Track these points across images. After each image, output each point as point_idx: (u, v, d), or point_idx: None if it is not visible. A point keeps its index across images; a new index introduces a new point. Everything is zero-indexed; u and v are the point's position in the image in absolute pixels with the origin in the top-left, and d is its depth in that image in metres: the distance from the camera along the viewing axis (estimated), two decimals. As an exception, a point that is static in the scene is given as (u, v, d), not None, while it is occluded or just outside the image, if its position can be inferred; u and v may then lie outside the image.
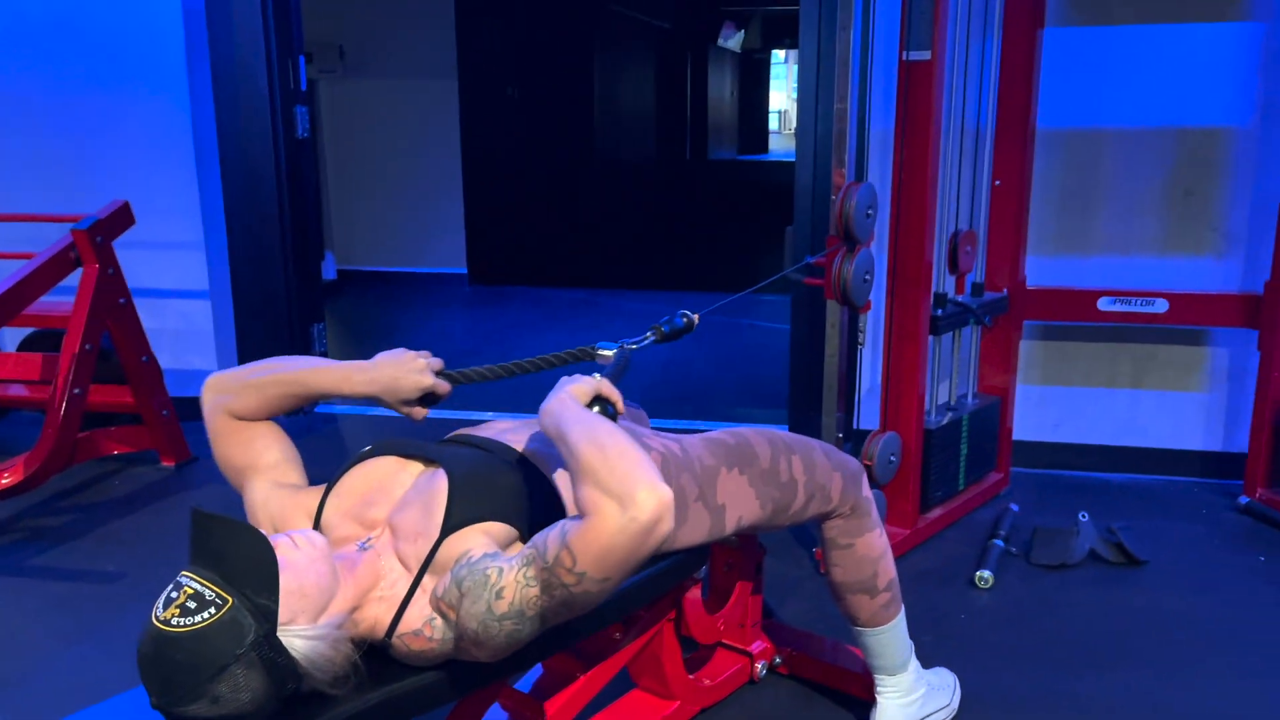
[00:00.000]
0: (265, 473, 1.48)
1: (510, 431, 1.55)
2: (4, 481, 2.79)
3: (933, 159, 2.49)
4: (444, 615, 1.26)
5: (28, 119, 3.67)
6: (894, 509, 2.68)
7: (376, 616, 1.28)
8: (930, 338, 2.68)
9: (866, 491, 1.86)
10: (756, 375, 4.40)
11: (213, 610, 1.12)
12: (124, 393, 3.22)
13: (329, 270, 6.32)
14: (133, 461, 3.36)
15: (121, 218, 3.14)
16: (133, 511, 3.04)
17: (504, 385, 1.77)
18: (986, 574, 2.52)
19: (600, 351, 1.71)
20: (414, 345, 1.63)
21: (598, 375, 1.48)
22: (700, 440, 1.71)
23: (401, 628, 1.27)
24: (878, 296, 2.69)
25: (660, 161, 9.00)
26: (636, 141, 8.23)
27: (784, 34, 13.59)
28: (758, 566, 2.06)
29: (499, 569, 1.24)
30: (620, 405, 1.45)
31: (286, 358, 1.54)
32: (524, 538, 1.37)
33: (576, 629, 1.60)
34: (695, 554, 1.74)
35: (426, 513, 1.32)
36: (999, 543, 2.68)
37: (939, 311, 2.69)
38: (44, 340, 3.43)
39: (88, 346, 2.93)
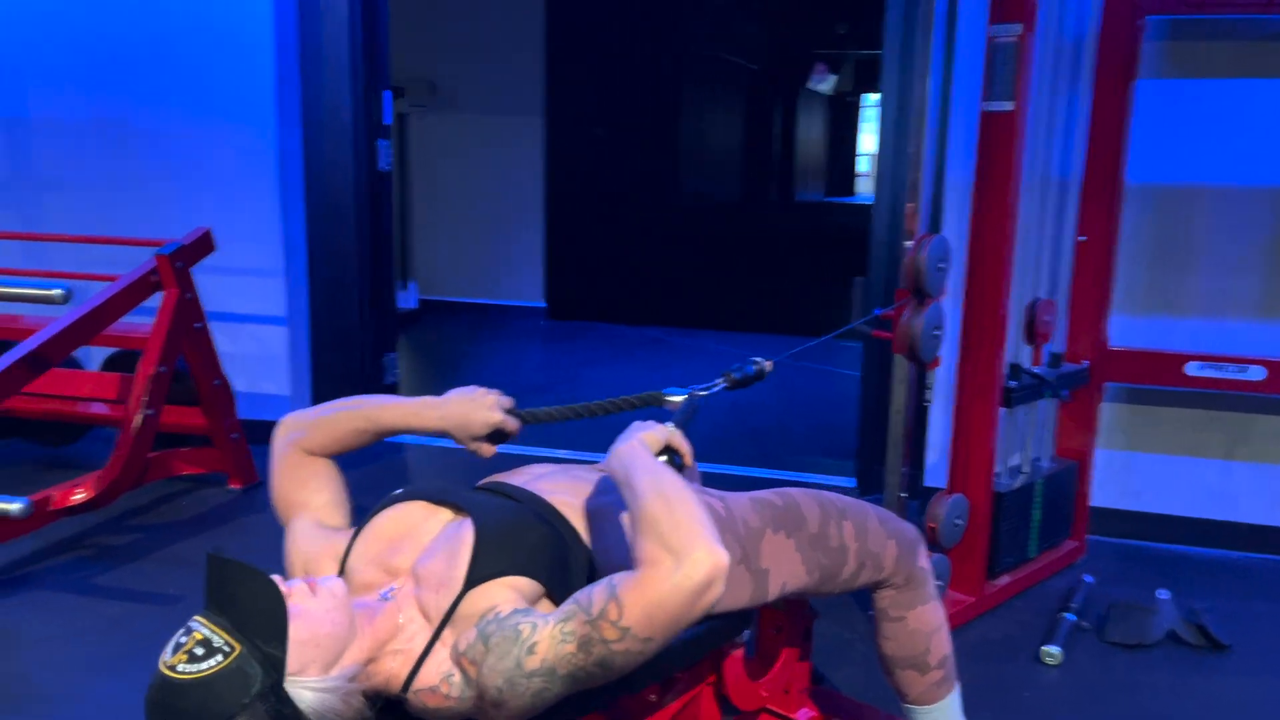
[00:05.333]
0: (312, 511, 1.48)
1: (544, 478, 1.52)
2: (76, 498, 2.86)
3: (1010, 213, 2.40)
4: (464, 671, 1.22)
5: (124, 145, 3.80)
6: (958, 574, 2.56)
7: (393, 670, 1.25)
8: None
9: (923, 562, 1.77)
10: (826, 423, 4.30)
11: (220, 658, 1.10)
12: (196, 415, 3.29)
13: (411, 299, 6.42)
14: (202, 483, 3.42)
15: (203, 244, 3.21)
16: (197, 533, 3.08)
17: (571, 426, 1.77)
18: (1055, 649, 2.39)
19: (669, 398, 1.68)
20: (487, 377, 1.66)
21: (670, 425, 1.46)
22: (746, 499, 1.65)
23: (418, 683, 1.24)
24: (951, 353, 2.59)
25: (745, 202, 8.96)
26: (722, 181, 8.22)
27: (876, 78, 13.50)
28: (806, 631, 1.98)
29: (532, 624, 1.20)
30: (689, 458, 1.43)
31: (359, 396, 1.57)
32: (551, 596, 1.33)
33: (611, 689, 1.55)
34: (737, 617, 1.68)
35: (450, 563, 1.29)
36: (1070, 616, 2.55)
37: (1013, 383, 2.57)
38: (125, 360, 3.52)
39: (162, 368, 3.00)
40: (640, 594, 1.16)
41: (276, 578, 1.20)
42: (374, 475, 3.52)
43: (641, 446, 1.36)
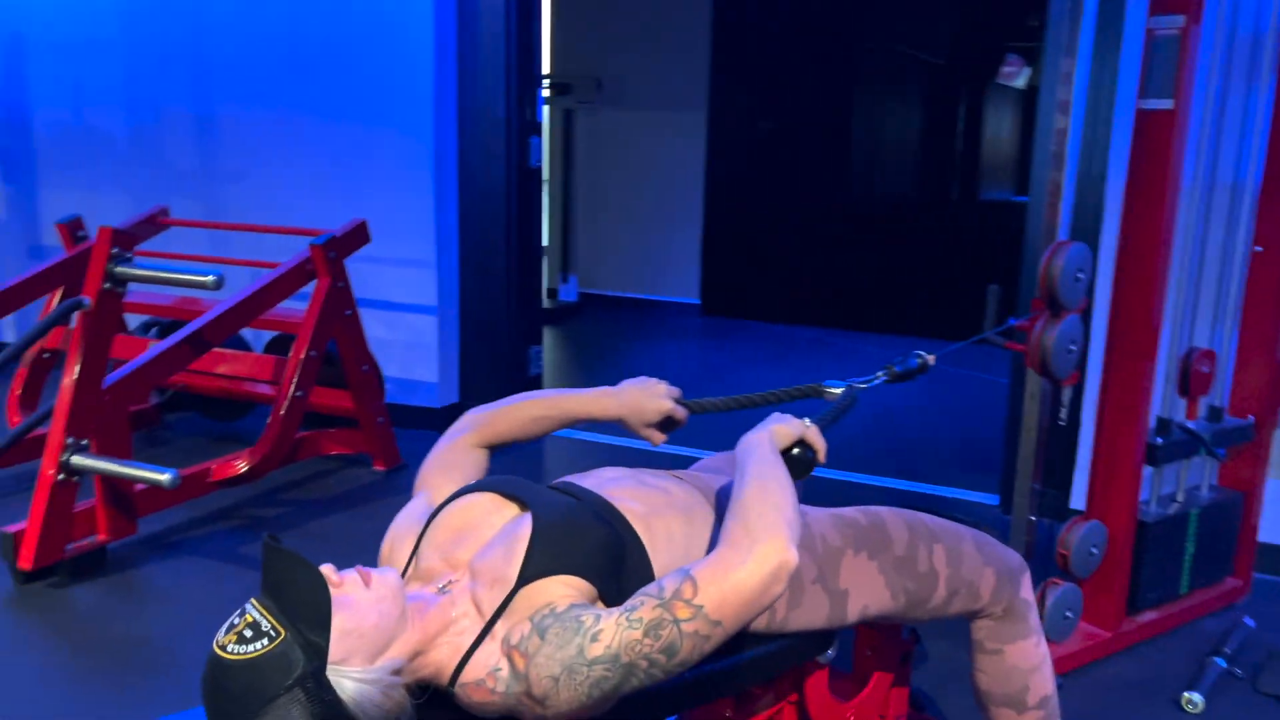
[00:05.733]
0: (432, 492, 1.53)
1: (614, 482, 1.50)
2: (231, 471, 3.05)
3: (1166, 220, 2.21)
4: (513, 665, 1.22)
5: (298, 142, 4.03)
6: (1091, 607, 2.39)
7: (441, 662, 1.26)
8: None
9: (1026, 593, 1.66)
10: (972, 437, 4.10)
11: (265, 642, 1.14)
12: (346, 398, 3.45)
13: (571, 292, 6.55)
14: (349, 463, 3.59)
15: (357, 235, 3.37)
16: (340, 511, 3.24)
17: (724, 419, 1.82)
18: (1196, 697, 2.19)
19: (829, 390, 1.71)
20: (639, 372, 1.78)
21: (808, 420, 1.47)
22: (828, 516, 1.59)
23: (464, 676, 1.25)
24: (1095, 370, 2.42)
25: (922, 200, 8.63)
26: (897, 179, 7.95)
27: (1074, 70, 12.72)
28: (905, 656, 1.89)
29: (595, 615, 1.21)
30: (822, 455, 1.44)
31: (539, 391, 1.70)
32: (604, 598, 1.31)
33: (682, 699, 1.53)
34: (819, 636, 1.62)
35: (507, 559, 1.30)
36: (1220, 661, 2.33)
37: (1159, 440, 2.38)
38: (284, 344, 3.74)
39: (313, 353, 3.16)
40: (716, 572, 1.20)
41: (328, 567, 1.24)
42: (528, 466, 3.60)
43: (768, 438, 1.40)
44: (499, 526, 1.38)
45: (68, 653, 2.41)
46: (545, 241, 6.71)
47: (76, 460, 2.60)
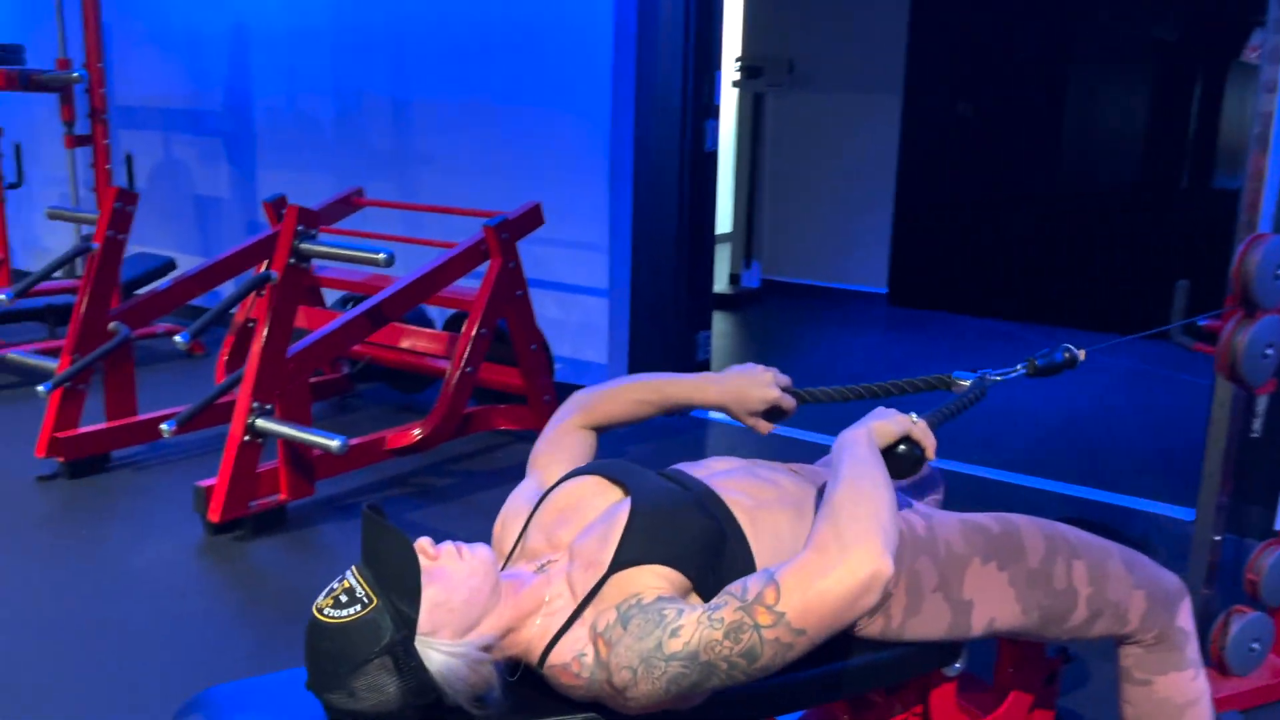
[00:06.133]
0: (542, 472, 1.55)
1: (725, 475, 1.46)
2: (411, 436, 3.20)
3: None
4: (597, 652, 1.22)
5: (485, 126, 4.17)
6: (1284, 641, 2.15)
7: (531, 641, 1.27)
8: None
9: (1183, 621, 1.51)
10: (1170, 444, 3.78)
11: (358, 608, 1.18)
12: (516, 375, 3.55)
13: (753, 278, 6.48)
14: (517, 438, 3.69)
15: (531, 218, 3.45)
16: (505, 483, 3.33)
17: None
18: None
19: (958, 381, 1.62)
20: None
21: (914, 415, 1.39)
22: (956, 521, 1.49)
23: (553, 658, 1.25)
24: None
25: (1147, 189, 8.02)
26: (1114, 166, 7.41)
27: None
28: (1050, 677, 1.76)
29: (678, 610, 1.19)
30: (930, 452, 1.37)
31: (641, 375, 1.66)
32: (700, 592, 1.28)
33: (786, 700, 1.48)
34: (944, 647, 1.53)
35: (602, 544, 1.29)
36: None
37: None
38: (462, 321, 3.88)
39: (483, 331, 3.26)
40: (801, 577, 1.15)
41: (425, 540, 1.26)
42: (668, 449, 3.61)
43: (866, 435, 1.34)
44: (601, 509, 1.37)
45: (244, 600, 2.60)
46: (729, 227, 6.70)
47: (260, 423, 2.79)
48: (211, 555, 2.78)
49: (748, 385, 1.58)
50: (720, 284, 6.40)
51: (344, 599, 1.19)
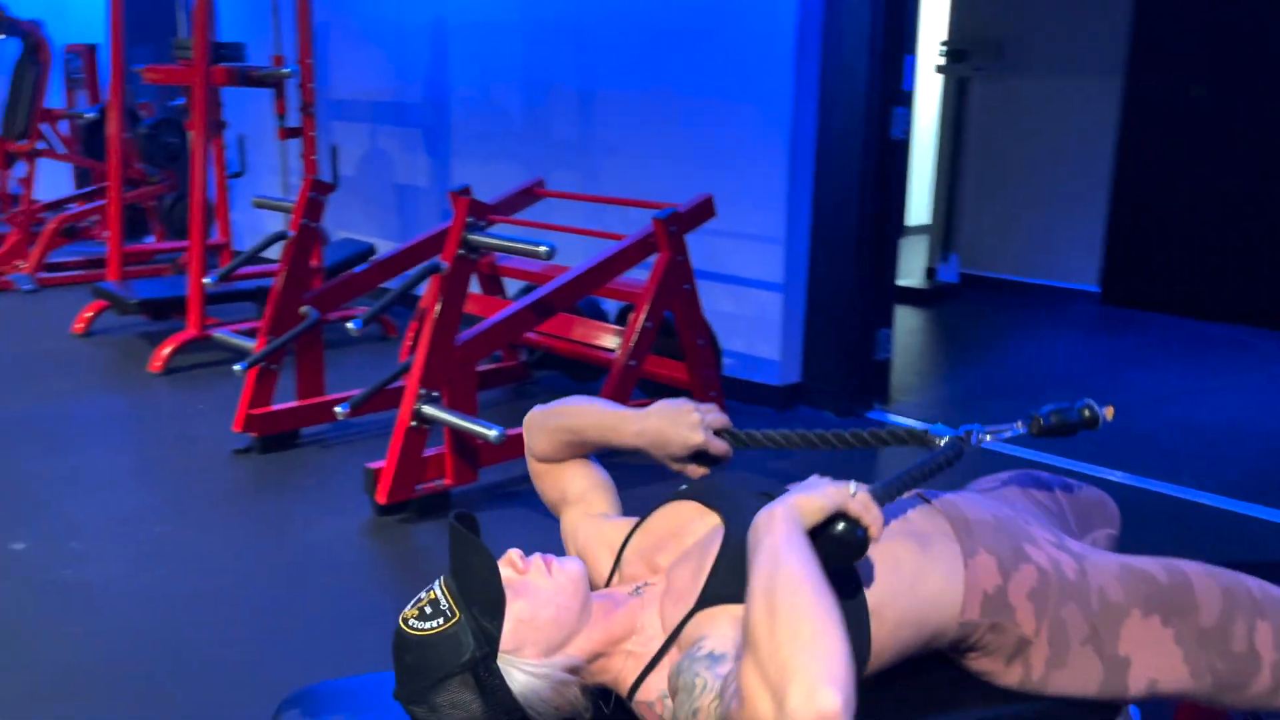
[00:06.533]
0: (573, 505, 1.48)
1: None
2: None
3: None
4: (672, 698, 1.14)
5: (666, 115, 4.13)
6: None
7: (622, 671, 1.21)
8: None
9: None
10: None
11: (441, 621, 1.15)
12: (683, 369, 3.50)
13: (951, 273, 6.16)
14: (683, 433, 3.64)
15: (702, 210, 3.38)
16: (669, 479, 3.29)
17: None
18: None
19: (934, 438, 1.35)
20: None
21: (854, 484, 1.14)
22: (1116, 565, 1.32)
23: (641, 693, 1.18)
24: None
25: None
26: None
27: None
28: (1235, 745, 1.54)
29: (705, 681, 1.06)
30: (875, 529, 1.10)
31: (586, 399, 1.48)
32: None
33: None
34: (1097, 706, 1.36)
35: (694, 576, 1.21)
36: None
37: None
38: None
39: (648, 324, 3.23)
40: None
41: (516, 552, 1.22)
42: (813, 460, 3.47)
43: (786, 517, 1.06)
44: (699, 535, 1.30)
45: (401, 581, 2.68)
46: (927, 218, 6.39)
47: (426, 410, 2.86)
48: (377, 535, 2.88)
49: (667, 427, 1.38)
50: (914, 278, 6.13)
51: (429, 610, 1.17)
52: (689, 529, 1.31)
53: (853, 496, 1.11)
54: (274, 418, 3.45)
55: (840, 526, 1.09)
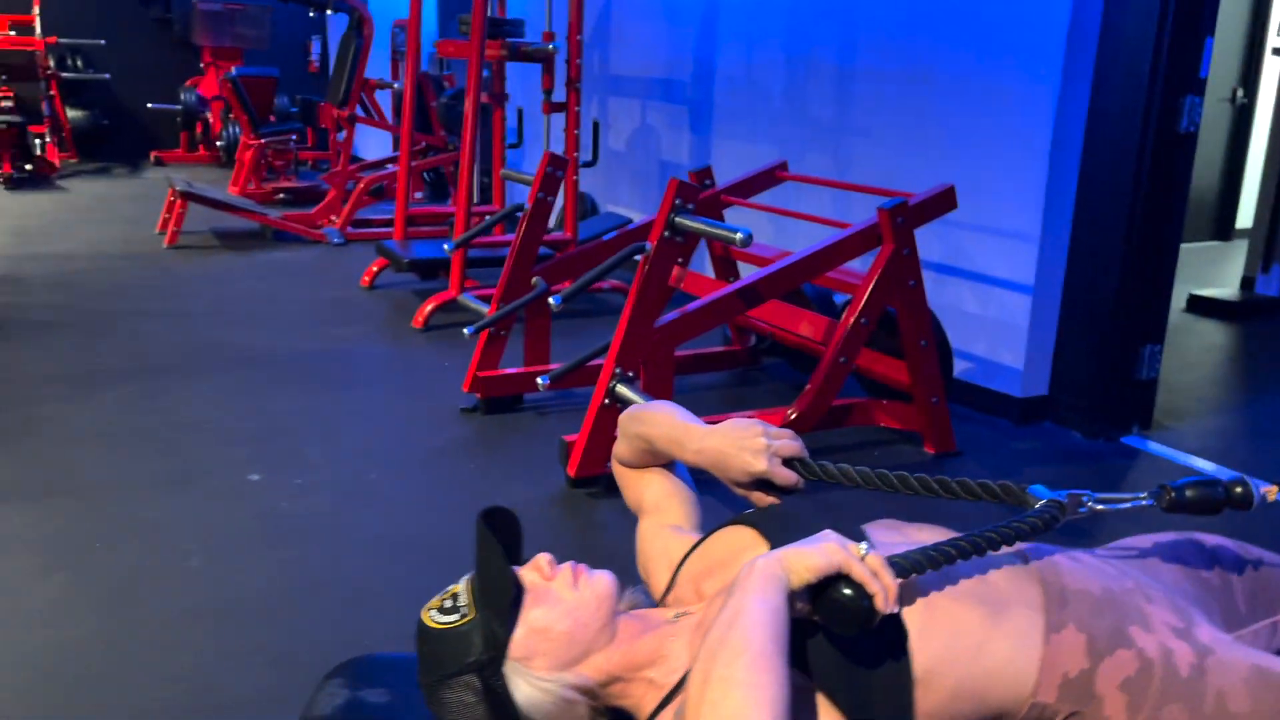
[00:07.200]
0: (649, 514, 1.42)
1: (902, 546, 1.20)
2: (787, 416, 3.11)
3: None
4: None
5: (921, 96, 3.87)
6: None
7: (641, 700, 1.14)
8: None
9: None
10: None
11: (456, 618, 1.14)
12: (904, 370, 3.29)
13: (1272, 286, 5.38)
14: (901, 438, 3.43)
15: (939, 202, 3.14)
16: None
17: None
18: None
19: (1033, 498, 1.19)
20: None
21: (865, 546, 1.01)
22: (1248, 668, 1.08)
23: (657, 724, 1.12)
24: None
25: None
26: None
27: None
28: None
29: None
30: (882, 599, 0.98)
31: (669, 405, 1.41)
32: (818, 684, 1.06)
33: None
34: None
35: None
36: None
37: None
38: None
39: (863, 320, 3.06)
40: None
41: (546, 557, 1.18)
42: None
43: (768, 573, 0.98)
44: None
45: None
46: (1249, 223, 5.60)
47: (619, 389, 2.87)
48: (564, 506, 2.94)
49: (730, 449, 1.26)
50: (1226, 289, 5.43)
51: (449, 605, 1.16)
52: (739, 559, 1.21)
53: (861, 559, 0.99)
54: (499, 381, 3.61)
55: (846, 592, 0.98)
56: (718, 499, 2.99)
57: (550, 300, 2.86)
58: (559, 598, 1.15)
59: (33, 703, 1.97)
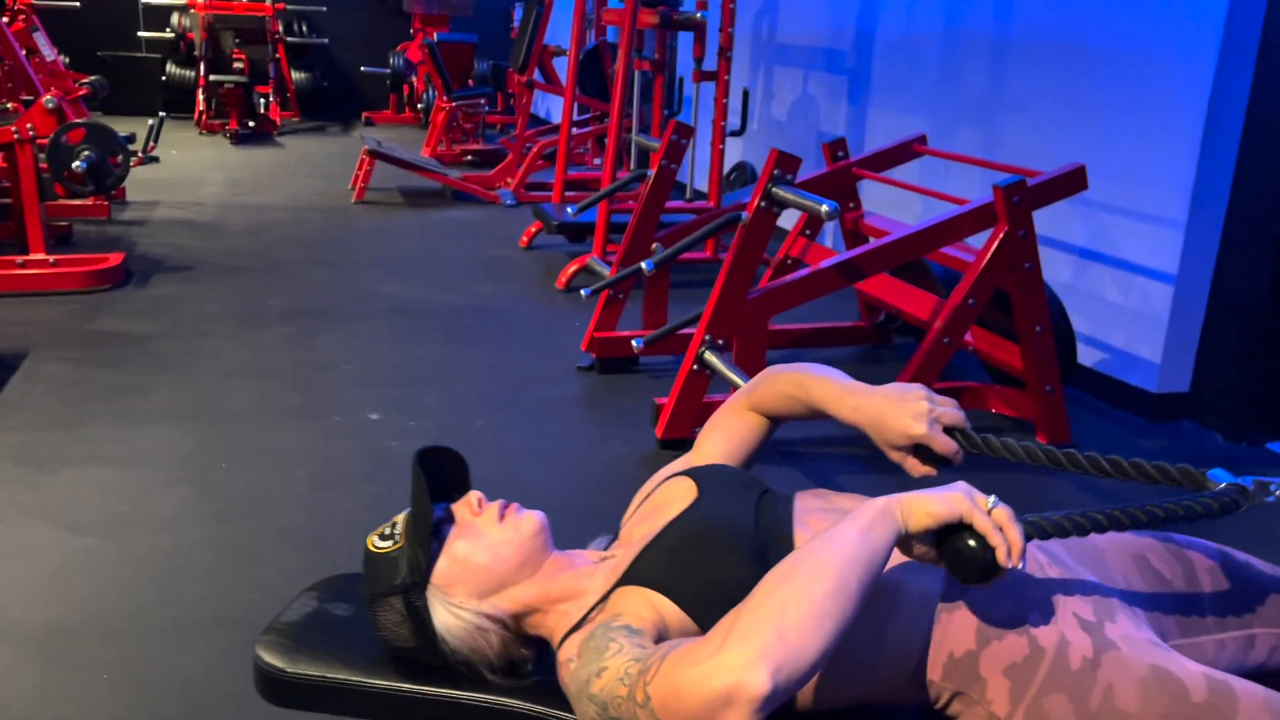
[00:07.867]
0: (699, 445, 1.45)
1: (817, 513, 1.20)
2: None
3: None
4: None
5: (1074, 70, 3.66)
6: None
7: (553, 628, 1.21)
8: None
9: None
10: None
11: (389, 544, 1.23)
12: (1019, 355, 3.16)
13: None
14: (1014, 426, 3.30)
15: (1064, 183, 3.00)
16: (960, 470, 3.04)
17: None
18: None
19: (1213, 482, 1.14)
20: None
21: (994, 500, 1.02)
22: (1147, 668, 1.06)
23: (561, 651, 1.18)
24: None
25: None
26: None
27: None
28: None
29: (619, 647, 1.05)
30: (1005, 555, 0.98)
31: (827, 369, 1.36)
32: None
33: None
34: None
35: (634, 550, 1.17)
36: None
37: None
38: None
39: (970, 301, 2.96)
40: (676, 664, 0.95)
41: (476, 494, 1.26)
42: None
43: (883, 512, 1.00)
44: (671, 515, 1.24)
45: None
46: None
47: (707, 356, 2.91)
48: (651, 465, 2.99)
49: (891, 410, 1.22)
50: None
51: (387, 531, 1.26)
52: (671, 507, 1.26)
53: (988, 512, 1.01)
54: (613, 342, 3.71)
55: (970, 543, 1.00)
56: (800, 470, 3.01)
57: (643, 265, 2.93)
58: (481, 532, 1.23)
59: (132, 598, 2.24)
